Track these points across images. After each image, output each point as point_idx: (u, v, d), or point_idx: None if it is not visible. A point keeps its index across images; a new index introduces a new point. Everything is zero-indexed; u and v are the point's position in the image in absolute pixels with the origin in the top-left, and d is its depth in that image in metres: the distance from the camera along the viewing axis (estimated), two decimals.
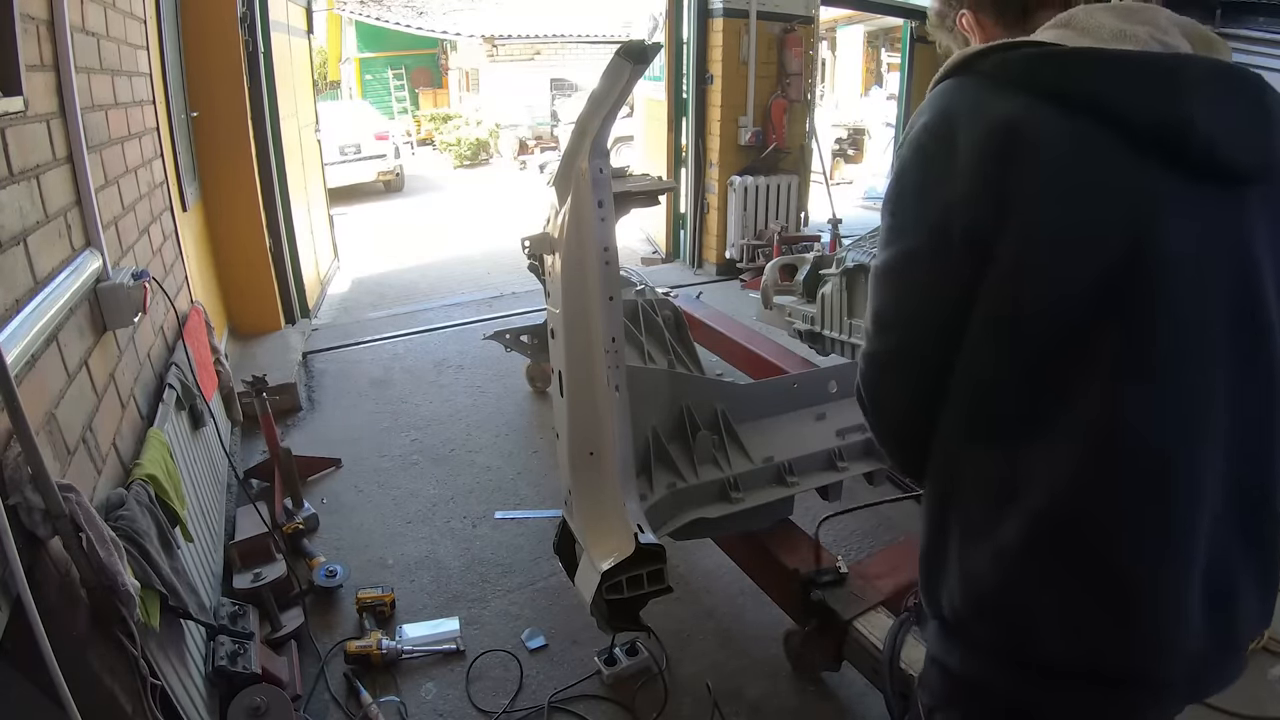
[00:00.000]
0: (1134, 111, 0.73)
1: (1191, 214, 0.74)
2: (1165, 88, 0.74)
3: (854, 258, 2.84)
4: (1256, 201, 0.77)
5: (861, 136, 11.43)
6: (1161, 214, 0.74)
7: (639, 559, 1.55)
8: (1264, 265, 0.77)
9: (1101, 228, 0.74)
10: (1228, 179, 0.76)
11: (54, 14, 1.59)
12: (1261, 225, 0.77)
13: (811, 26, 5.79)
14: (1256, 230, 0.77)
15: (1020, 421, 0.78)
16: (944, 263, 0.79)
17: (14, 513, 1.05)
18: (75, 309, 1.50)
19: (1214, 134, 0.74)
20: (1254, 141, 0.76)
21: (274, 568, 2.12)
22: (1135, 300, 0.74)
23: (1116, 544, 0.76)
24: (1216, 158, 0.74)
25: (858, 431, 2.11)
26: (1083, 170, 0.74)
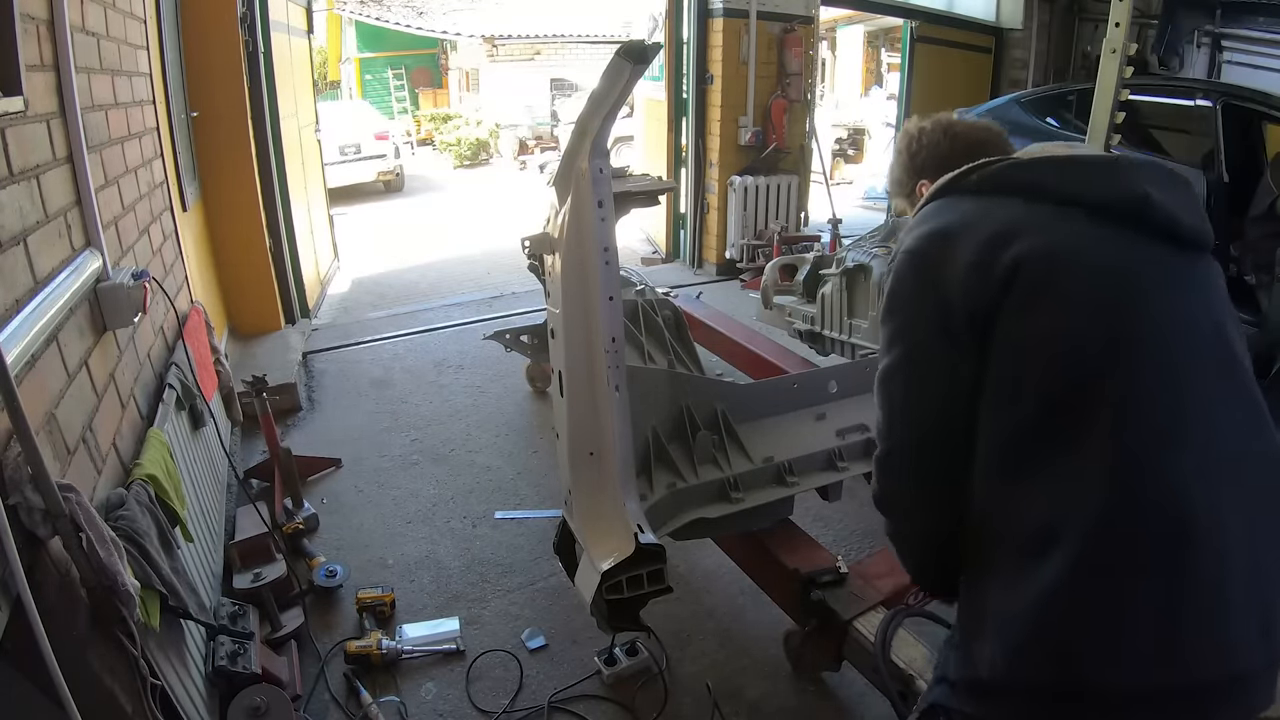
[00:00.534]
0: (1105, 195, 0.90)
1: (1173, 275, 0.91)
2: (1120, 175, 0.93)
3: (854, 258, 2.84)
4: (1203, 265, 0.94)
5: (861, 136, 11.42)
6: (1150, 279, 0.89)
7: (639, 559, 1.55)
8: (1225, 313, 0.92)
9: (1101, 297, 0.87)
10: (1188, 245, 0.92)
11: (54, 14, 1.59)
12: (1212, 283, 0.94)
13: (811, 26, 5.79)
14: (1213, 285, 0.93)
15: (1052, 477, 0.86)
16: (950, 347, 0.91)
17: (14, 513, 1.05)
18: (75, 309, 1.50)
19: (1168, 205, 0.90)
20: (1194, 214, 0.93)
21: (274, 568, 2.12)
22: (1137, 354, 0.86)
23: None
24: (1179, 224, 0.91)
25: (858, 431, 2.11)
26: (1079, 249, 0.89)
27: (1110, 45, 3.52)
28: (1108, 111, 3.57)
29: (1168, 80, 5.08)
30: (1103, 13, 4.19)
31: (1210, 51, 5.57)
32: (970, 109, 5.34)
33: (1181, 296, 0.90)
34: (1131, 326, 0.86)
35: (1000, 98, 5.65)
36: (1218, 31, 5.49)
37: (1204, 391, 0.86)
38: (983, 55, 7.19)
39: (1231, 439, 0.86)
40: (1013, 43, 7.10)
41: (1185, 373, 0.86)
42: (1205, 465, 0.84)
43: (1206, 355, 0.88)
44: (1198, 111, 4.05)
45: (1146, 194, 0.89)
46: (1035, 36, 6.94)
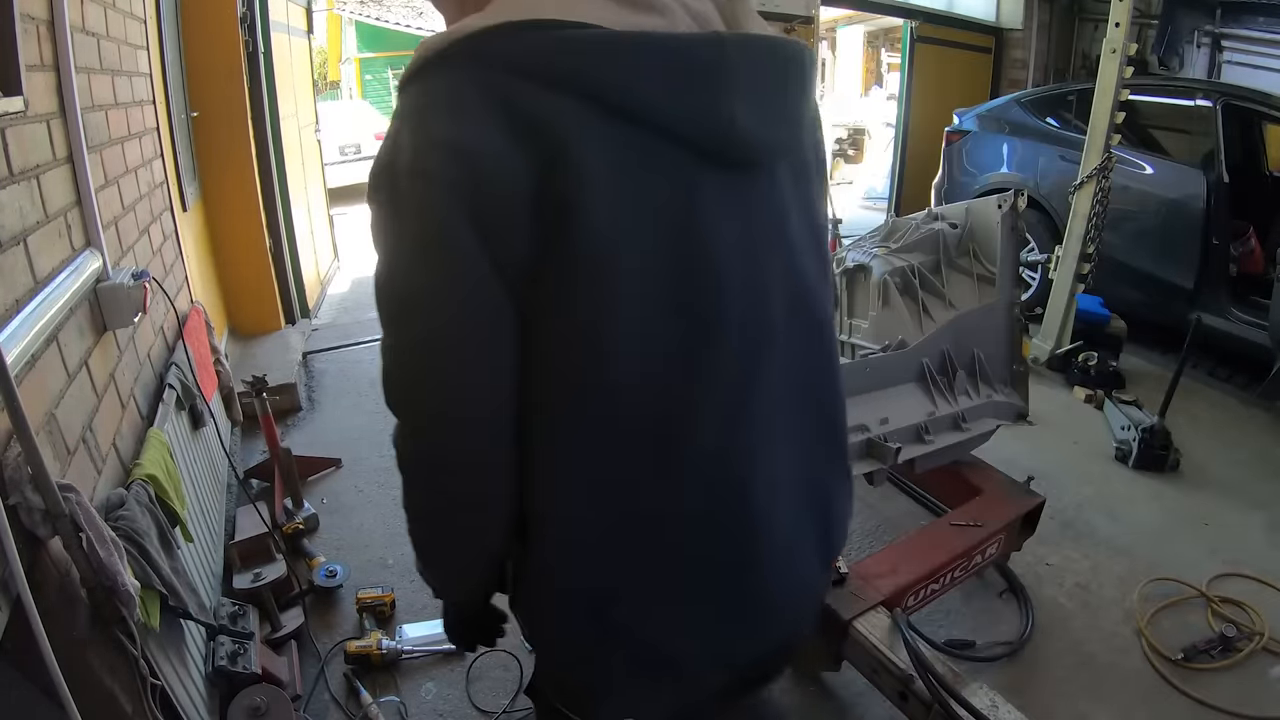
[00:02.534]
0: (678, 121, 0.66)
1: (734, 207, 0.71)
2: (708, 87, 0.66)
3: (854, 258, 2.83)
4: (784, 172, 0.76)
5: (861, 136, 11.42)
6: (707, 204, 0.69)
7: None
8: (799, 235, 0.78)
9: (651, 231, 0.67)
10: (764, 164, 0.74)
11: (54, 14, 1.59)
12: (789, 191, 0.77)
13: (811, 26, 5.78)
14: (787, 198, 0.76)
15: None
16: (482, 295, 0.66)
17: (14, 513, 1.04)
18: (75, 309, 1.50)
19: (751, 126, 0.69)
20: (781, 116, 0.74)
21: (274, 568, 2.12)
22: (694, 299, 0.70)
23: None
24: (754, 148, 0.71)
25: (858, 431, 2.11)
26: (628, 179, 0.65)
27: (1110, 45, 3.53)
28: (1108, 111, 3.57)
29: (1168, 80, 5.09)
30: (1103, 13, 4.19)
31: (1210, 51, 5.57)
32: (970, 109, 5.35)
33: (751, 231, 0.74)
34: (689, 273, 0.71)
35: (1000, 98, 5.65)
36: (1218, 31, 5.49)
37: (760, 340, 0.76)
38: (983, 55, 7.19)
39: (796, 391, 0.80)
40: (1013, 43, 7.10)
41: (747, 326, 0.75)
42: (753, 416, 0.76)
43: (778, 295, 0.77)
44: (1198, 111, 4.05)
45: (733, 118, 0.68)
46: (1035, 36, 6.94)
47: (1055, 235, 4.22)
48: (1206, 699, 1.94)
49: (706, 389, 0.72)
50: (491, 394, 0.70)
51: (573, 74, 0.62)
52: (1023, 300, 2.50)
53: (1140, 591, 2.32)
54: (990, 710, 1.48)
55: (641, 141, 0.65)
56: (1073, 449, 3.24)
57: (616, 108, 0.63)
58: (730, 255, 0.71)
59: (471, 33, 0.63)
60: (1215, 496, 2.90)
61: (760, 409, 0.76)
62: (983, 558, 2.13)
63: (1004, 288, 2.43)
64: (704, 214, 0.69)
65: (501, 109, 0.61)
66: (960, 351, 2.36)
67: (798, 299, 0.79)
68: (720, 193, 0.70)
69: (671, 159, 0.67)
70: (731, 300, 0.72)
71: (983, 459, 2.44)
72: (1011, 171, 4.82)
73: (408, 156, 0.63)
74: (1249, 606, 2.25)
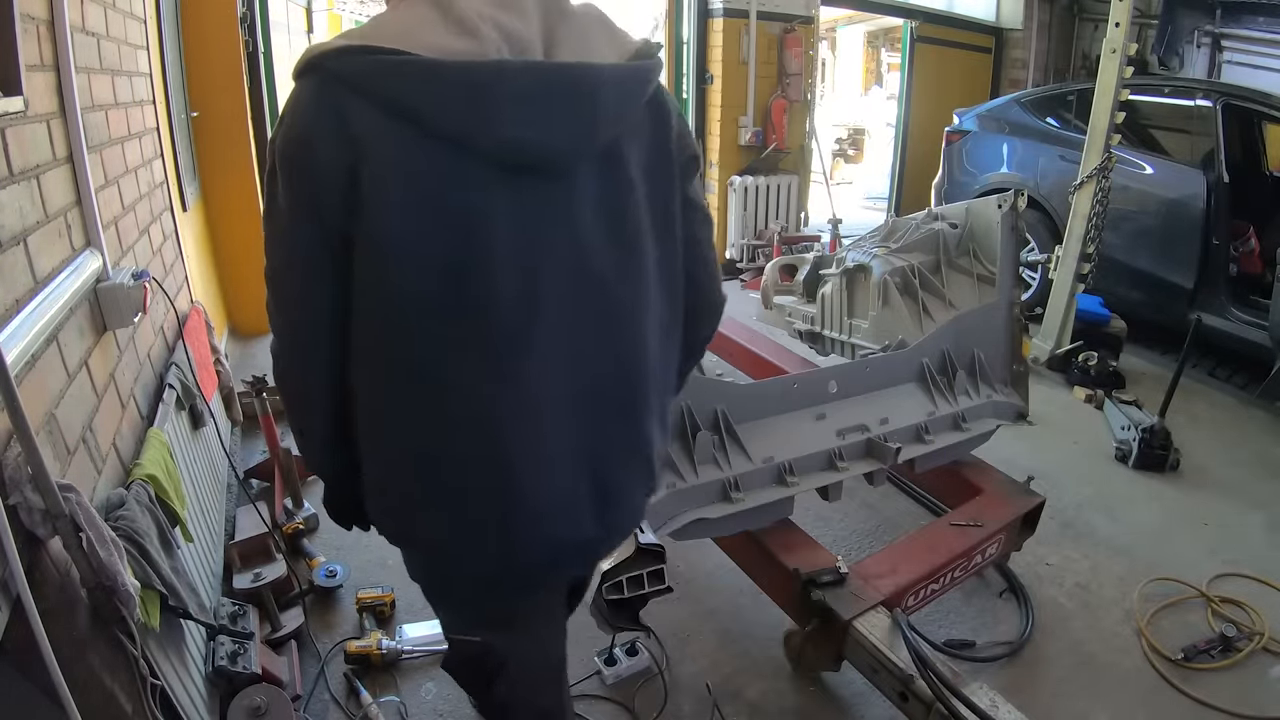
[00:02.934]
0: (462, 133, 0.81)
1: (518, 205, 0.85)
2: (484, 107, 0.80)
3: (854, 258, 2.84)
4: (584, 176, 0.88)
5: (861, 136, 11.43)
6: (491, 204, 0.84)
7: (639, 559, 1.55)
8: (592, 231, 0.90)
9: (440, 225, 0.83)
10: (549, 169, 0.86)
11: (54, 14, 1.59)
12: (588, 192, 0.89)
13: (811, 26, 5.79)
14: (583, 198, 0.89)
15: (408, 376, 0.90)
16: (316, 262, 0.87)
17: (14, 513, 1.04)
18: (75, 309, 1.50)
19: (530, 138, 0.83)
20: (575, 130, 0.85)
21: (274, 568, 2.12)
22: (473, 284, 0.85)
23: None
24: (536, 156, 0.84)
25: (858, 431, 2.11)
26: (420, 177, 0.82)
27: (1110, 45, 3.53)
28: (1108, 111, 3.58)
29: (1168, 80, 5.08)
30: (1103, 13, 4.19)
31: (1210, 51, 5.58)
32: (970, 109, 5.35)
33: (536, 224, 0.88)
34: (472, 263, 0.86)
35: (1000, 98, 5.65)
36: (1218, 31, 5.50)
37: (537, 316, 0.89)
38: (983, 55, 7.20)
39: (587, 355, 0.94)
40: (1013, 43, 7.10)
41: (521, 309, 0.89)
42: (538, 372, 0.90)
43: (558, 280, 0.90)
44: (1198, 111, 4.05)
45: (518, 137, 0.83)
46: (1035, 36, 6.94)
47: (1055, 235, 4.22)
48: (1206, 699, 1.94)
49: (468, 345, 0.88)
50: (309, 327, 0.91)
51: (384, 93, 0.80)
52: (1023, 300, 2.50)
53: (1140, 591, 2.33)
54: (990, 710, 1.48)
55: (433, 147, 0.81)
56: (1073, 449, 3.24)
57: (415, 120, 0.80)
58: (504, 241, 0.85)
59: (330, 51, 0.81)
60: (1215, 496, 2.90)
61: (529, 375, 0.90)
62: (983, 558, 2.13)
63: (1004, 288, 2.44)
64: (483, 207, 0.84)
65: (334, 115, 0.80)
66: (960, 351, 2.36)
67: (582, 288, 0.91)
68: (502, 190, 0.84)
69: (457, 162, 0.82)
70: (499, 278, 0.86)
71: (983, 459, 2.44)
72: (1011, 171, 4.83)
73: (279, 139, 0.85)
74: (1249, 606, 2.25)
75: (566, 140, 0.85)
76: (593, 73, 0.86)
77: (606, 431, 0.97)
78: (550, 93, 0.83)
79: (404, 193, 0.81)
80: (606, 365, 0.95)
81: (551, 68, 0.84)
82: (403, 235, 0.82)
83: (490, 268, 0.85)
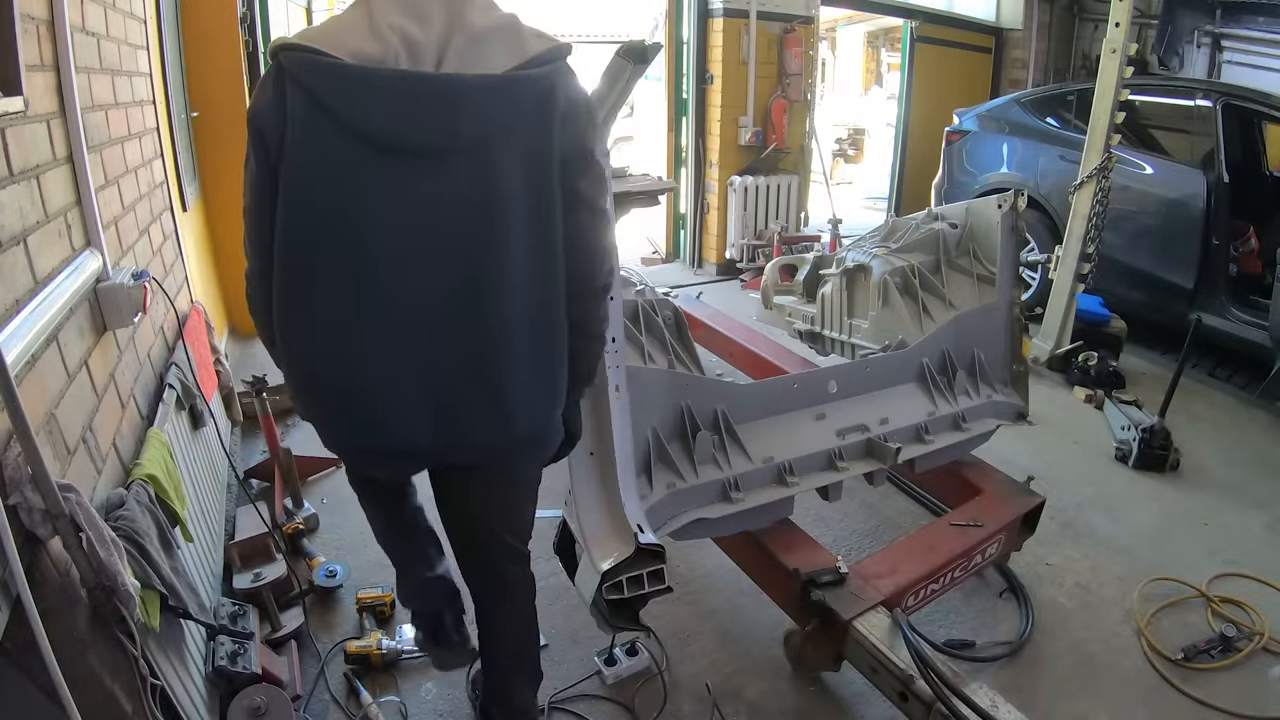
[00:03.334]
0: (347, 115, 1.07)
1: (389, 177, 1.10)
2: (370, 99, 1.07)
3: (854, 258, 2.84)
4: (452, 163, 1.11)
5: (861, 136, 11.43)
6: (363, 177, 1.09)
7: (639, 559, 1.55)
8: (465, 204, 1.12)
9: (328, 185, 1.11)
10: (416, 155, 1.10)
11: (54, 14, 1.59)
12: (463, 175, 1.11)
13: (811, 26, 5.79)
14: (458, 179, 1.11)
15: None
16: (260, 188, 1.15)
17: (14, 513, 1.04)
18: (75, 309, 1.50)
19: (404, 128, 1.08)
20: (435, 127, 1.09)
21: (274, 568, 2.12)
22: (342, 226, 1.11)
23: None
24: (401, 143, 1.09)
25: (858, 431, 2.11)
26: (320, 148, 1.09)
27: (1110, 45, 3.53)
28: (1108, 111, 3.58)
29: (1168, 80, 5.09)
30: (1103, 13, 4.19)
31: (1210, 51, 5.58)
32: (970, 109, 5.36)
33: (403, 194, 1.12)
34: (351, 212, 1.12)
35: (1000, 98, 5.65)
36: (1218, 31, 5.50)
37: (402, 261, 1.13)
38: (983, 55, 7.20)
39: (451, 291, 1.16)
40: (1013, 43, 7.10)
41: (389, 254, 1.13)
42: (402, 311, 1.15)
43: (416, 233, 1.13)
44: (1198, 111, 4.05)
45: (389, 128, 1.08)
46: (1035, 36, 6.94)
47: (1055, 235, 4.22)
48: (1206, 699, 1.94)
49: (332, 272, 1.13)
50: (248, 248, 1.22)
51: (306, 83, 1.07)
52: (1023, 300, 2.50)
53: (1140, 591, 2.33)
54: (991, 710, 1.48)
55: (331, 126, 1.08)
56: (1073, 449, 3.24)
57: (322, 105, 1.07)
58: (366, 202, 1.11)
59: (283, 45, 1.09)
60: (1215, 496, 2.90)
61: (376, 304, 1.14)
62: (983, 558, 2.13)
63: (1004, 288, 2.44)
64: (355, 175, 1.10)
65: (276, 91, 1.09)
66: (960, 351, 2.36)
67: (438, 245, 1.13)
68: (375, 164, 1.09)
69: (345, 139, 1.08)
70: (361, 227, 1.11)
71: (983, 459, 2.44)
72: (1011, 171, 4.83)
73: (250, 106, 1.13)
74: (1249, 606, 2.25)
75: (428, 134, 1.09)
76: (454, 83, 1.09)
77: (452, 362, 1.19)
78: (417, 98, 1.08)
79: (306, 154, 1.09)
80: (457, 310, 1.16)
81: (419, 78, 1.09)
82: (299, 183, 1.11)
83: (354, 219, 1.11)
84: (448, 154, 1.10)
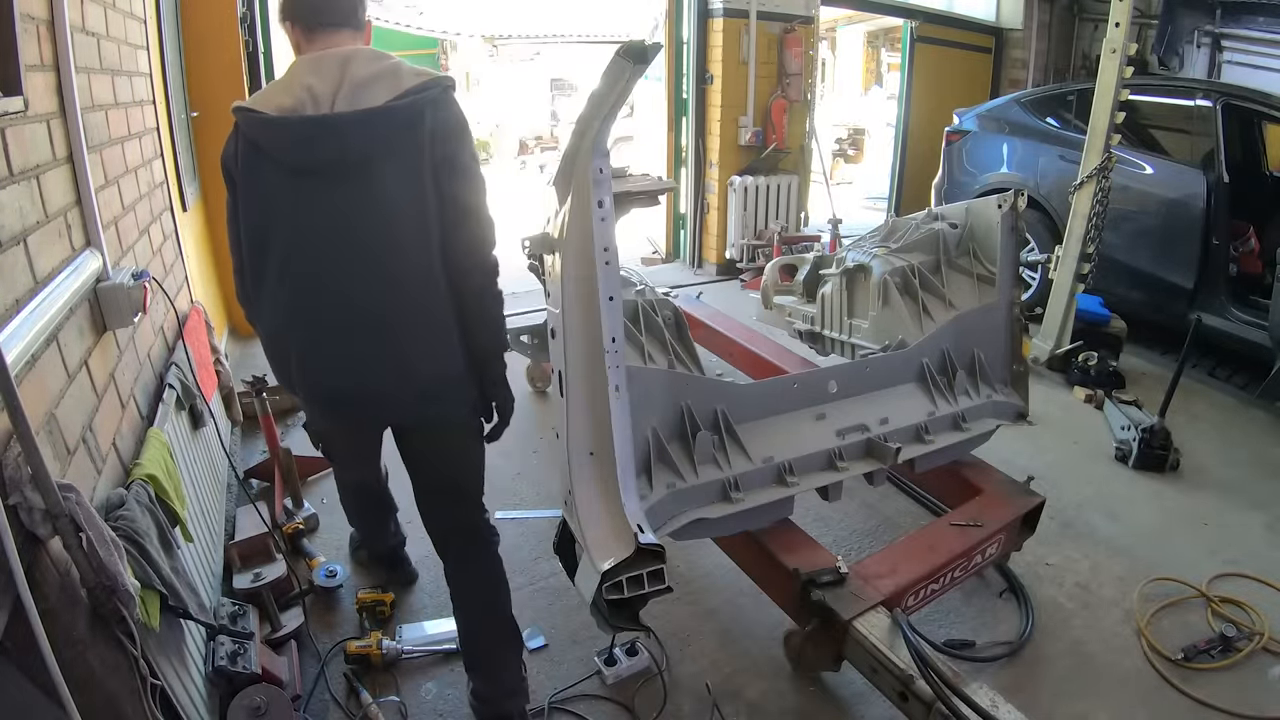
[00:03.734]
0: (272, 150, 1.47)
1: (304, 192, 1.47)
2: (287, 137, 1.45)
3: (854, 258, 2.83)
4: (346, 177, 1.46)
5: (861, 136, 11.43)
6: (287, 193, 1.48)
7: (639, 559, 1.54)
8: (362, 205, 1.47)
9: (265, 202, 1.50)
10: (319, 173, 1.46)
11: (54, 14, 1.59)
12: (358, 185, 1.46)
13: (811, 26, 5.79)
14: (354, 188, 1.46)
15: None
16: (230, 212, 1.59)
17: (14, 513, 1.04)
18: (75, 309, 1.50)
19: (312, 154, 1.45)
20: (328, 152, 1.44)
21: (274, 568, 2.12)
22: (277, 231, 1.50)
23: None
24: (307, 166, 1.46)
25: (858, 431, 2.11)
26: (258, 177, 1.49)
27: (1110, 45, 3.53)
28: (1108, 111, 3.58)
29: (1168, 80, 5.09)
30: (1103, 13, 4.19)
31: (1210, 51, 5.58)
32: (970, 109, 5.36)
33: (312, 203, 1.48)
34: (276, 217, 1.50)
35: (1000, 98, 5.65)
36: (1218, 31, 5.50)
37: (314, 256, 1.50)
38: (983, 55, 7.20)
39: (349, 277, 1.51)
40: (1013, 43, 7.10)
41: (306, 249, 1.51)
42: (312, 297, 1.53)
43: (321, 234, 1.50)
44: (1198, 111, 4.05)
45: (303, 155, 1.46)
46: (1035, 36, 6.94)
47: (1055, 235, 4.22)
48: (1206, 699, 1.94)
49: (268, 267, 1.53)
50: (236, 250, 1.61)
51: (247, 132, 1.48)
52: (1023, 300, 2.50)
53: (1140, 591, 2.33)
54: (991, 709, 1.48)
55: (262, 160, 1.48)
56: (1073, 449, 3.24)
57: (255, 145, 1.48)
58: (286, 212, 1.49)
59: (236, 107, 1.49)
60: (1215, 496, 2.90)
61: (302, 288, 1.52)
62: (983, 558, 2.13)
63: (1004, 288, 2.44)
64: (292, 193, 1.48)
65: (232, 141, 1.52)
66: (960, 351, 2.36)
67: (341, 241, 1.49)
68: (293, 183, 1.47)
69: (272, 169, 1.47)
70: (281, 231, 1.50)
71: (983, 459, 2.44)
72: (1011, 171, 4.83)
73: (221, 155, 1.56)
74: (1249, 606, 2.25)
75: (323, 159, 1.45)
76: (340, 119, 1.44)
77: (365, 329, 1.53)
78: (314, 134, 1.44)
79: (246, 180, 1.51)
80: (359, 287, 1.50)
81: (316, 119, 1.44)
82: (245, 203, 1.53)
83: (276, 225, 1.49)
84: (341, 170, 1.46)
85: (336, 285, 1.50)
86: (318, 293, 1.51)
